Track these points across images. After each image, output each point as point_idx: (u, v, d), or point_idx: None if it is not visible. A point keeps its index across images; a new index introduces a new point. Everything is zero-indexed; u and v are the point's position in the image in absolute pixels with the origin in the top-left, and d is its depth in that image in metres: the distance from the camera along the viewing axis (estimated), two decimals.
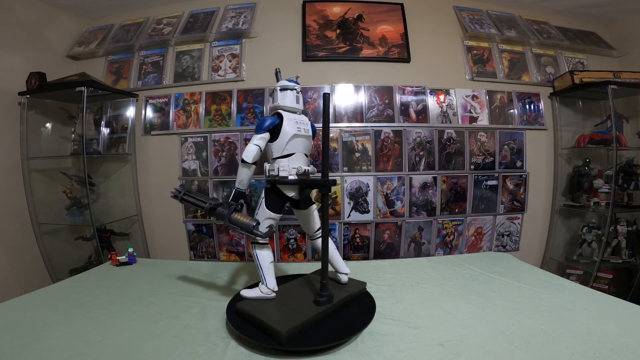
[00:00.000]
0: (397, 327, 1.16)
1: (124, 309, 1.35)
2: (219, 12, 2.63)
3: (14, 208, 2.31)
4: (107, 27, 2.75)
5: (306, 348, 1.03)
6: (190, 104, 2.53)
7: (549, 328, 1.12)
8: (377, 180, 2.46)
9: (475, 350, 1.01)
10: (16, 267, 2.28)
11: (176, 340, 1.10)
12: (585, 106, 2.69)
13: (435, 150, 2.51)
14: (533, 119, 2.64)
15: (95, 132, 2.57)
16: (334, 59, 2.52)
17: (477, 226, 2.60)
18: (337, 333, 1.07)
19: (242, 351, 1.04)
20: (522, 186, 2.62)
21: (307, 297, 1.26)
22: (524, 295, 1.42)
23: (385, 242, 2.51)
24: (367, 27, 2.56)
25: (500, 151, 2.57)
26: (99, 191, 2.63)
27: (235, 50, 2.56)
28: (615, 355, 0.97)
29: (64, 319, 1.26)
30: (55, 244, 2.49)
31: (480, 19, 2.69)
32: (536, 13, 2.84)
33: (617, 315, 1.22)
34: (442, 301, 1.38)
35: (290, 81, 1.35)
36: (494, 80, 2.63)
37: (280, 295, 1.28)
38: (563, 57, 2.76)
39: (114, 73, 2.67)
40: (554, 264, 2.66)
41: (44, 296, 1.49)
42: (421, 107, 2.52)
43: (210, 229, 2.54)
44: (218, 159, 2.50)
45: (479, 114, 2.57)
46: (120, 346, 1.07)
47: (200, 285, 1.60)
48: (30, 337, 1.12)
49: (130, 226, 2.64)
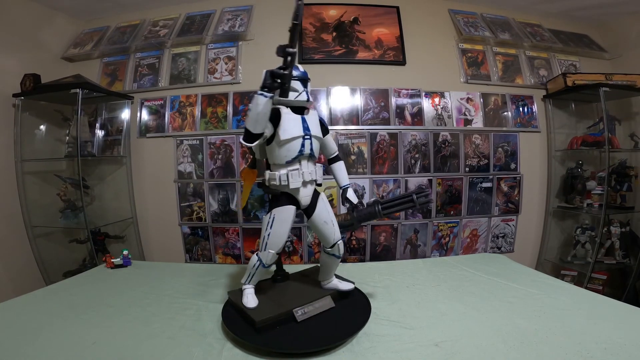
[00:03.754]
0: (393, 328, 1.17)
1: (118, 311, 1.34)
2: (215, 15, 2.63)
3: (7, 210, 2.29)
4: (102, 29, 2.74)
5: (303, 350, 1.03)
6: (186, 106, 2.53)
7: (543, 328, 1.13)
8: (373, 183, 2.47)
9: (470, 351, 1.01)
10: (9, 269, 2.26)
11: (171, 342, 1.10)
12: (578, 108, 2.72)
13: (430, 152, 2.52)
14: (527, 121, 2.66)
15: (90, 135, 2.55)
16: (330, 61, 2.53)
17: (472, 228, 2.61)
18: (333, 334, 1.08)
19: (237, 352, 1.04)
20: (516, 188, 2.63)
21: (294, 293, 1.32)
22: (518, 296, 1.42)
23: (382, 244, 2.52)
24: (363, 30, 2.58)
25: (495, 153, 2.59)
26: (93, 194, 2.61)
27: (231, 52, 2.56)
28: (609, 355, 0.98)
29: (58, 321, 1.25)
30: (49, 247, 2.47)
31: (474, 21, 2.72)
32: (530, 16, 2.87)
33: (611, 315, 1.23)
34: (438, 302, 1.39)
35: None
36: (488, 82, 2.65)
37: (271, 290, 1.35)
38: (556, 59, 2.79)
39: (109, 75, 2.66)
40: (549, 265, 2.67)
41: (37, 298, 1.48)
42: (416, 109, 2.53)
43: (205, 231, 2.53)
44: (214, 162, 2.49)
45: (473, 116, 2.59)
46: (114, 348, 1.06)
47: (196, 288, 1.59)
48: (23, 340, 1.11)
49: (125, 229, 2.62)
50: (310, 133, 1.20)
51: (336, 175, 1.39)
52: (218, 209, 2.50)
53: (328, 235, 1.26)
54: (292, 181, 1.19)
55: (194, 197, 2.52)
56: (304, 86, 1.20)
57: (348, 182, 1.38)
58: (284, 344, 1.05)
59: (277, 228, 1.19)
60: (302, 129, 1.18)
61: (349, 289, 1.32)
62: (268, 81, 1.04)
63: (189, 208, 2.53)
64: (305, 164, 1.22)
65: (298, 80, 1.18)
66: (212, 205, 2.50)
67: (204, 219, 2.52)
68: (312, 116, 1.25)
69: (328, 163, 1.40)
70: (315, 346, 1.03)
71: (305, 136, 1.19)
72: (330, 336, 1.07)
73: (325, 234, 1.26)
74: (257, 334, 1.09)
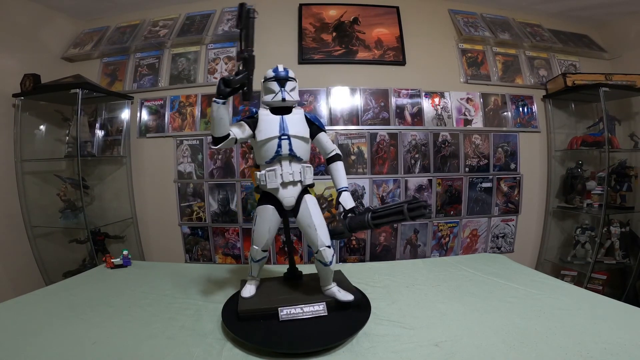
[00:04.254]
0: (393, 328, 1.17)
1: (118, 311, 1.34)
2: (215, 15, 2.63)
3: (7, 210, 2.29)
4: (102, 29, 2.74)
5: (303, 350, 1.03)
6: (186, 106, 2.53)
7: (543, 328, 1.13)
8: (372, 183, 2.47)
9: (470, 351, 1.01)
10: (9, 269, 2.26)
11: (171, 342, 1.09)
12: (578, 108, 2.72)
13: (430, 152, 2.52)
14: (526, 121, 2.66)
15: (90, 135, 2.55)
16: (330, 61, 2.53)
17: (472, 228, 2.61)
18: (333, 334, 1.07)
19: (237, 353, 1.04)
20: (516, 188, 2.64)
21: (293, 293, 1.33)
22: (518, 296, 1.42)
23: (381, 244, 2.52)
24: (362, 30, 2.58)
25: (495, 153, 2.59)
26: (93, 194, 2.61)
27: (231, 52, 2.56)
28: (608, 355, 0.97)
29: (58, 321, 1.25)
30: (49, 247, 2.47)
31: (474, 21, 2.72)
32: (529, 16, 2.87)
33: (611, 315, 1.22)
34: (437, 302, 1.38)
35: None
36: (488, 82, 2.65)
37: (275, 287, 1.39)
38: (556, 59, 2.79)
39: (109, 75, 2.66)
40: (549, 265, 2.67)
41: (37, 299, 1.48)
42: (416, 109, 2.53)
43: (205, 231, 2.53)
44: (214, 162, 2.49)
45: (473, 116, 2.59)
46: (114, 348, 1.06)
47: (196, 288, 1.58)
48: (23, 340, 1.11)
49: (125, 229, 2.62)
50: (287, 133, 1.19)
51: (332, 176, 1.32)
52: (218, 209, 2.50)
53: (312, 241, 1.21)
54: (269, 182, 1.21)
55: (193, 197, 2.52)
56: (281, 86, 1.19)
57: (345, 185, 1.30)
58: (284, 344, 1.05)
59: (258, 226, 1.25)
60: (278, 129, 1.19)
61: (346, 300, 1.22)
62: (220, 88, 1.07)
63: (189, 208, 2.53)
64: (286, 164, 1.21)
65: (275, 81, 1.19)
66: (212, 206, 2.50)
67: (203, 219, 2.52)
68: (295, 116, 1.24)
69: (326, 163, 1.34)
70: (315, 346, 1.03)
71: (281, 137, 1.19)
72: (330, 336, 1.06)
73: (309, 239, 1.22)
74: (239, 321, 1.15)
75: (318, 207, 1.26)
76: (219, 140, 1.15)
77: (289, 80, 1.21)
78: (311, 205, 1.23)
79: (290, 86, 1.21)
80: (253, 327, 1.12)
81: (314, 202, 1.25)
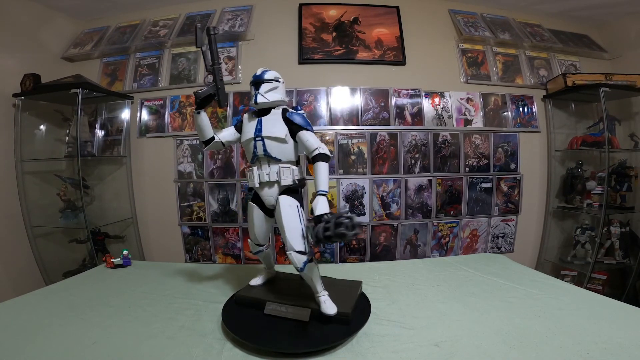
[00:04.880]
0: (393, 328, 1.17)
1: (118, 311, 1.34)
2: (215, 15, 2.63)
3: (7, 210, 2.29)
4: (102, 29, 2.74)
5: (303, 350, 1.03)
6: (186, 106, 2.53)
7: (543, 328, 1.13)
8: (372, 183, 2.47)
9: (470, 351, 1.01)
10: (9, 269, 2.26)
11: (171, 342, 1.09)
12: (578, 108, 2.72)
13: (430, 152, 2.52)
14: (526, 121, 2.66)
15: (90, 135, 2.56)
16: (330, 61, 2.53)
17: (472, 228, 2.61)
18: (333, 334, 1.07)
19: (237, 353, 1.04)
20: (516, 188, 2.63)
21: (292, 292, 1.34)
22: (518, 295, 1.42)
23: (381, 244, 2.52)
24: (363, 30, 2.58)
25: (495, 153, 2.59)
26: (93, 194, 2.61)
27: (231, 52, 2.56)
28: (608, 355, 0.97)
29: (58, 321, 1.25)
30: (49, 247, 2.47)
31: (474, 22, 2.72)
32: (530, 16, 2.87)
33: (611, 315, 1.22)
34: (437, 302, 1.38)
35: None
36: (488, 82, 2.65)
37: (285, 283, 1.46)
38: (556, 59, 2.79)
39: (109, 75, 2.66)
40: (549, 265, 2.67)
41: (37, 298, 1.48)
42: (416, 109, 2.53)
43: (205, 231, 2.53)
44: (214, 162, 2.49)
45: (473, 116, 2.59)
46: (114, 348, 1.06)
47: (196, 288, 1.59)
48: (23, 340, 1.11)
49: (125, 229, 2.62)
50: (261, 134, 1.20)
51: (314, 178, 1.15)
52: (218, 209, 2.50)
53: (284, 243, 1.15)
54: (250, 182, 1.27)
55: (193, 197, 2.52)
56: (256, 89, 1.23)
57: (323, 189, 1.11)
58: (284, 344, 1.05)
59: (249, 221, 1.34)
60: (254, 131, 1.22)
61: (327, 313, 1.12)
62: (196, 101, 1.24)
63: (189, 208, 2.53)
64: (265, 165, 1.22)
65: (252, 85, 1.26)
66: (212, 205, 2.50)
67: (203, 219, 2.52)
68: (272, 116, 1.24)
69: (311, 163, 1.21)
70: (315, 346, 1.03)
71: (256, 138, 1.21)
72: (330, 336, 1.07)
73: (283, 241, 1.17)
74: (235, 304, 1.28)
75: (293, 209, 1.18)
76: (205, 143, 1.33)
77: (264, 82, 1.24)
78: (283, 207, 1.17)
79: (265, 88, 1.23)
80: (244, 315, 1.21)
81: (288, 204, 1.18)
